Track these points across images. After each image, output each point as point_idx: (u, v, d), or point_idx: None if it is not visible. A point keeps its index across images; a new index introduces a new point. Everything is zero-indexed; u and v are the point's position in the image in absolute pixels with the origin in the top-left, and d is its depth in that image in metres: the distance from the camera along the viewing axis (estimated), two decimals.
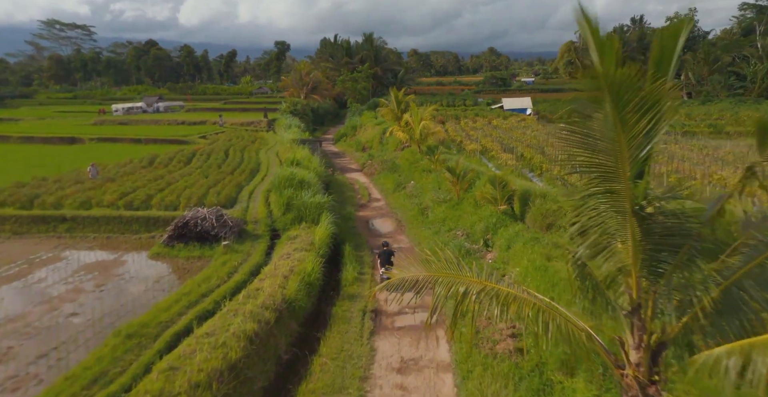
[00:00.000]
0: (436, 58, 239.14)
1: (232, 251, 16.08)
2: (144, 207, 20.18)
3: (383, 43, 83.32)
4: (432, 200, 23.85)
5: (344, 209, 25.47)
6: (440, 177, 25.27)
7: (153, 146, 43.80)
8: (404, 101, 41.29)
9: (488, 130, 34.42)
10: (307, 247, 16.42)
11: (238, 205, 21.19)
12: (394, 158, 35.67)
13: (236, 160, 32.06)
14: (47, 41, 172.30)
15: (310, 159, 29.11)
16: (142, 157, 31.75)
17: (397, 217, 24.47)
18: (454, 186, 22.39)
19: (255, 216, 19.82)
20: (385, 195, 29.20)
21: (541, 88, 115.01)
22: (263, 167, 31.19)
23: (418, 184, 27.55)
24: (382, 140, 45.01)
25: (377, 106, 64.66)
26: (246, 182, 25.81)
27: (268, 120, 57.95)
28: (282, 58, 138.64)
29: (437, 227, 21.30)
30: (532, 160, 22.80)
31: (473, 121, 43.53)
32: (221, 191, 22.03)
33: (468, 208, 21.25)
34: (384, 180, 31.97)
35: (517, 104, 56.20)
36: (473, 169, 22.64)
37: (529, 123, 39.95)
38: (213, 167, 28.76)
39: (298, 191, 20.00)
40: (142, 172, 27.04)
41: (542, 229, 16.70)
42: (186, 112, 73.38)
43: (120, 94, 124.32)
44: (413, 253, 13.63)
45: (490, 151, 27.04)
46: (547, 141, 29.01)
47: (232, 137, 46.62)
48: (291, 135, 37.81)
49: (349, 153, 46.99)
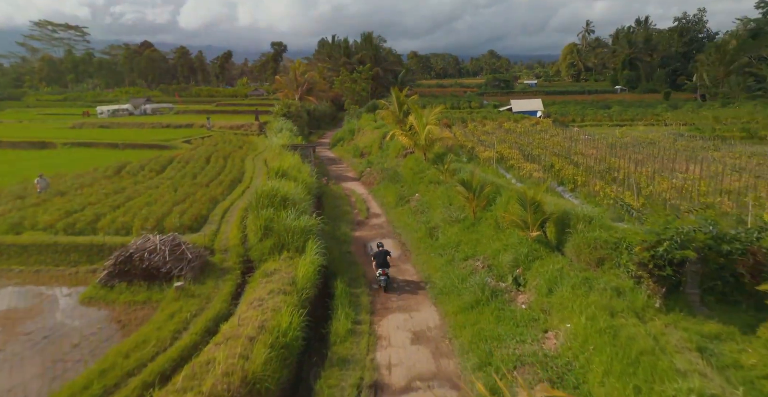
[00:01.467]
0: (436, 60, 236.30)
1: (187, 296, 12.24)
2: (89, 231, 16.33)
3: (382, 41, 79.69)
4: (442, 218, 20.05)
5: (338, 228, 21.67)
6: (451, 191, 21.49)
7: (131, 152, 40.03)
8: (406, 103, 37.56)
9: (501, 135, 30.69)
10: (287, 288, 12.60)
11: (207, 227, 17.34)
12: (396, 166, 31.88)
13: (216, 169, 28.24)
14: (39, 42, 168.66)
15: (299, 168, 25.28)
16: (109, 165, 27.91)
17: (400, 239, 20.65)
18: (469, 203, 18.60)
19: (225, 242, 15.99)
20: (386, 210, 25.41)
21: (546, 90, 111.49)
22: (247, 177, 27.38)
23: (424, 198, 23.75)
24: (382, 145, 41.23)
25: (377, 109, 60.85)
26: (223, 197, 21.99)
27: (259, 123, 54.20)
28: (279, 60, 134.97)
29: (450, 253, 17.50)
30: (561, 171, 19.05)
31: (482, 125, 39.79)
32: (188, 210, 18.19)
33: (487, 230, 17.45)
34: (385, 191, 28.19)
35: (526, 106, 52.48)
36: (492, 182, 18.86)
37: (544, 126, 36.25)
38: (187, 178, 24.93)
39: (280, 212, 16.18)
40: (102, 184, 23.21)
41: (591, 265, 12.90)
42: (174, 115, 69.59)
43: (111, 96, 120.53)
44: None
45: (508, 159, 23.33)
46: (574, 148, 25.19)
47: (218, 142, 42.82)
48: (281, 140, 34.02)
49: (346, 159, 43.23)
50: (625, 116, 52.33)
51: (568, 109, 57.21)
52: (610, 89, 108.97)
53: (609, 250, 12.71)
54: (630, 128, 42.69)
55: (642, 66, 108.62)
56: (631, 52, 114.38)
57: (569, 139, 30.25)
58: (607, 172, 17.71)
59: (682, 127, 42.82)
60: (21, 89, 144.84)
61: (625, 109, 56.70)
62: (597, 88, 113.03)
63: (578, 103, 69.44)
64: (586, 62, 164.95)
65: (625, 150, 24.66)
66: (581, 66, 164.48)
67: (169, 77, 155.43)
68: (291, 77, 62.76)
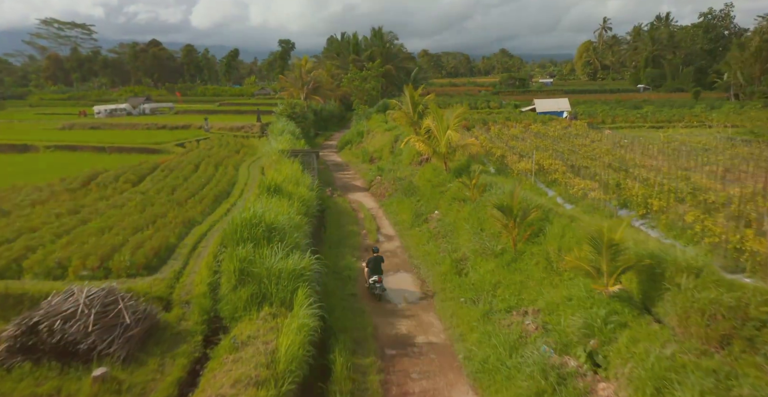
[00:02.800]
0: (447, 59, 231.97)
1: (112, 393, 8.24)
2: (13, 271, 12.42)
3: (394, 37, 75.40)
4: (472, 248, 15.93)
5: (341, 256, 17.62)
6: (482, 212, 17.36)
7: (117, 156, 36.34)
8: (422, 102, 33.47)
9: (534, 141, 26.46)
10: (262, 372, 8.60)
11: (170, 264, 13.36)
12: (411, 176, 27.78)
13: (203, 180, 24.33)
14: (46, 41, 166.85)
15: (298, 180, 21.30)
16: (79, 174, 24.11)
17: (419, 273, 16.53)
18: (508, 231, 14.47)
19: (189, 289, 12.00)
20: (400, 231, 21.32)
21: (564, 89, 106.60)
22: (237, 190, 23.43)
23: (446, 218, 19.62)
24: (394, 150, 37.17)
25: (387, 109, 56.76)
26: (202, 217, 18.04)
27: (261, 124, 50.34)
28: (286, 58, 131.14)
29: (485, 298, 13.40)
30: (631, 192, 14.69)
31: (506, 127, 35.53)
32: (149, 239, 14.22)
33: (535, 271, 13.32)
34: (398, 207, 24.11)
35: (552, 106, 48.05)
36: (538, 205, 14.69)
37: (579, 130, 31.86)
38: (164, 192, 21.01)
39: (263, 248, 12.15)
40: (61, 200, 19.37)
41: (709, 343, 8.74)
42: (174, 115, 66.04)
43: (115, 95, 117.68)
44: None
45: (549, 171, 19.16)
46: (625, 156, 20.76)
47: (213, 145, 39.00)
48: (280, 145, 30.01)
49: (354, 165, 39.19)
50: (660, 117, 47.76)
51: (595, 110, 52.69)
52: (633, 88, 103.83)
53: (738, 320, 8.55)
54: (671, 131, 38.23)
55: (667, 64, 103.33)
56: (654, 49, 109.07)
57: (616, 145, 25.89)
58: (693, 194, 13.53)
59: (730, 129, 38.28)
60: (27, 88, 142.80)
61: (658, 110, 52.10)
62: (619, 87, 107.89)
63: (605, 102, 64.77)
64: (603, 60, 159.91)
65: (693, 160, 20.27)
66: (598, 64, 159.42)
67: (177, 76, 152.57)
68: (296, 75, 58.85)
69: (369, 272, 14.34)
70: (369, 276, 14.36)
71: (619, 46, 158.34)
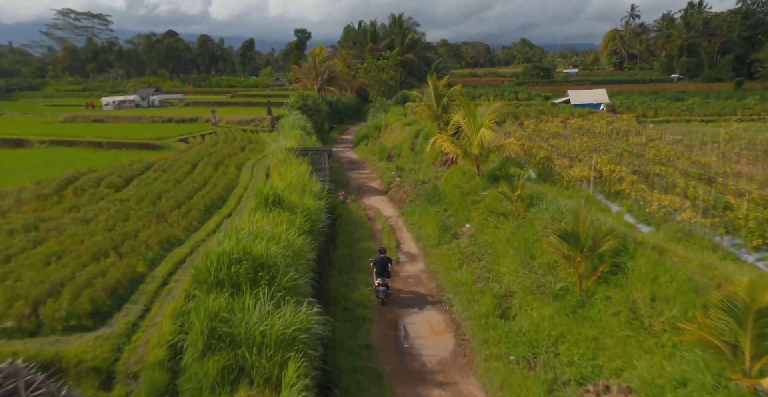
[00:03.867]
0: (466, 49, 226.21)
1: None
2: None
3: (414, 25, 71.23)
4: (519, 282, 12.45)
5: (354, 286, 14.30)
6: (528, 232, 13.86)
7: (114, 153, 33.55)
8: (446, 94, 29.82)
9: (581, 139, 22.62)
10: None
11: (124, 311, 10.15)
12: (435, 179, 24.29)
13: (198, 183, 21.21)
14: (63, 32, 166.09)
15: (305, 186, 17.95)
16: (57, 177, 21.17)
17: (450, 311, 13.11)
18: (572, 265, 10.96)
19: (142, 354, 8.77)
20: (425, 247, 17.91)
21: (591, 79, 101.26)
22: (234, 197, 20.23)
23: (482, 236, 16.13)
24: (414, 147, 33.66)
25: (406, 101, 53.11)
26: (185, 235, 14.87)
27: (271, 117, 47.19)
28: (302, 48, 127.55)
29: (545, 359, 9.99)
30: (737, 213, 11.01)
31: (540, 121, 31.67)
32: (100, 278, 11.01)
33: (613, 324, 9.81)
34: (421, 216, 20.69)
35: (588, 98, 43.80)
36: (612, 230, 11.11)
37: (627, 126, 27.69)
38: (148, 199, 17.88)
39: (243, 296, 8.85)
40: (24, 210, 16.41)
41: None
42: (183, 107, 63.30)
43: (130, 86, 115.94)
44: None
45: (611, 181, 15.45)
46: (711, 164, 16.78)
47: (218, 141, 35.97)
48: (288, 142, 26.59)
49: (371, 162, 35.78)
50: (708, 110, 43.26)
51: (633, 102, 48.27)
52: (666, 78, 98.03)
53: None
54: (728, 126, 33.95)
55: (704, 53, 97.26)
56: (689, 36, 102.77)
57: (677, 143, 21.84)
58: None
59: None
60: (43, 79, 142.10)
61: (703, 102, 47.46)
62: (651, 78, 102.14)
63: (643, 94, 60.03)
64: (630, 50, 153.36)
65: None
66: (624, 54, 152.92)
67: (192, 67, 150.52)
68: (310, 65, 55.43)
69: (376, 273, 13.64)
70: (375, 278, 13.60)
71: (647, 34, 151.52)
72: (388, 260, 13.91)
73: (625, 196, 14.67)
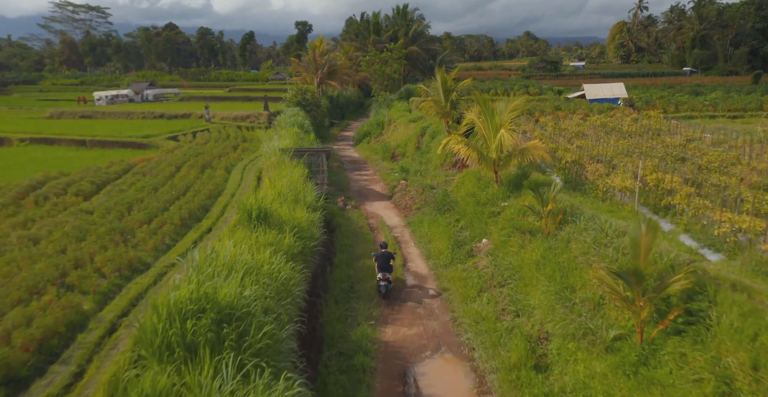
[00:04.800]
0: (470, 42, 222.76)
1: None
2: None
3: (420, 17, 68.31)
4: (560, 327, 10.02)
5: (353, 320, 11.93)
6: (564, 256, 11.44)
7: (98, 151, 31.23)
8: (455, 89, 27.33)
9: (607, 139, 20.02)
10: None
11: (48, 378, 7.77)
12: (444, 183, 21.87)
13: (179, 189, 18.85)
14: (60, 24, 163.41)
15: (297, 195, 15.57)
16: (20, 183, 18.83)
17: (472, 357, 10.70)
18: (631, 310, 8.53)
19: None
20: (436, 267, 15.53)
21: (601, 73, 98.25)
22: (217, 207, 17.85)
23: (504, 256, 13.71)
24: (420, 145, 31.25)
25: (411, 96, 50.54)
26: (153, 257, 12.50)
27: (268, 113, 44.75)
28: (303, 41, 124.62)
29: None
30: None
31: (557, 118, 29.11)
32: (22, 328, 8.66)
33: (691, 392, 7.39)
34: (430, 228, 18.28)
35: (604, 92, 41.11)
36: (685, 267, 8.68)
37: (657, 123, 25.04)
38: (116, 211, 15.52)
39: (196, 368, 6.45)
40: None
41: None
42: (178, 102, 60.81)
43: (128, 79, 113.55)
44: None
45: (658, 192, 12.97)
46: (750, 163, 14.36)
47: (210, 139, 33.58)
48: (283, 142, 24.13)
49: (373, 162, 33.35)
50: (732, 105, 40.55)
51: (650, 96, 45.60)
52: (678, 71, 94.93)
53: None
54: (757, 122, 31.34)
55: (718, 45, 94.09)
56: (702, 28, 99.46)
57: (716, 144, 19.31)
58: None
59: None
60: (41, 73, 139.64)
61: (726, 96, 44.74)
62: (663, 71, 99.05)
63: (657, 87, 57.25)
64: (638, 42, 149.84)
65: None
66: (632, 46, 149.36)
67: (191, 61, 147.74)
68: (310, 58, 52.82)
69: (378, 268, 13.76)
70: (377, 273, 13.72)
71: (655, 26, 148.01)
72: (389, 255, 13.89)
73: (678, 212, 12.21)
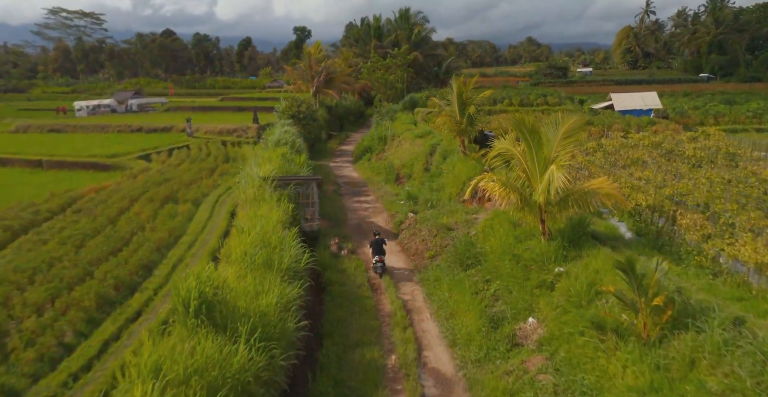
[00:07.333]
0: (472, 48, 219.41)
1: None
2: None
3: (424, 21, 64.13)
4: None
5: None
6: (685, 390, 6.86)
7: (54, 174, 26.85)
8: (474, 102, 22.90)
9: (676, 167, 15.52)
10: None
11: None
12: (465, 224, 17.25)
13: (114, 241, 14.26)
14: (54, 31, 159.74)
15: (270, 257, 11.05)
16: None
17: None
18: None
19: None
20: (465, 364, 10.91)
21: (610, 79, 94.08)
22: (166, 264, 13.31)
23: (574, 367, 9.13)
24: (429, 166, 26.75)
25: (415, 106, 46.17)
26: (28, 381, 7.82)
27: (258, 126, 40.32)
28: (301, 47, 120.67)
29: None
30: None
31: (590, 135, 24.64)
32: None
33: None
34: (451, 291, 13.68)
35: (635, 102, 36.61)
36: None
37: (725, 144, 20.54)
38: (7, 283, 10.91)
39: None
40: None
41: None
42: (163, 113, 56.44)
43: (120, 87, 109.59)
44: None
45: None
46: None
47: (186, 159, 29.08)
48: (265, 166, 19.48)
49: (375, 184, 28.75)
50: None
51: (681, 106, 41.24)
52: (695, 77, 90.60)
53: None
54: None
55: (738, 50, 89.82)
56: (718, 32, 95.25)
57: None
58: None
59: None
60: (33, 80, 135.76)
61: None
62: (671, 77, 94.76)
63: (676, 95, 52.85)
64: (645, 47, 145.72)
65: None
66: (639, 52, 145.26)
67: (188, 68, 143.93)
68: (305, 65, 48.56)
69: (372, 252, 15.23)
70: (372, 256, 15.17)
71: (662, 31, 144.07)
72: (382, 241, 15.46)
73: None
